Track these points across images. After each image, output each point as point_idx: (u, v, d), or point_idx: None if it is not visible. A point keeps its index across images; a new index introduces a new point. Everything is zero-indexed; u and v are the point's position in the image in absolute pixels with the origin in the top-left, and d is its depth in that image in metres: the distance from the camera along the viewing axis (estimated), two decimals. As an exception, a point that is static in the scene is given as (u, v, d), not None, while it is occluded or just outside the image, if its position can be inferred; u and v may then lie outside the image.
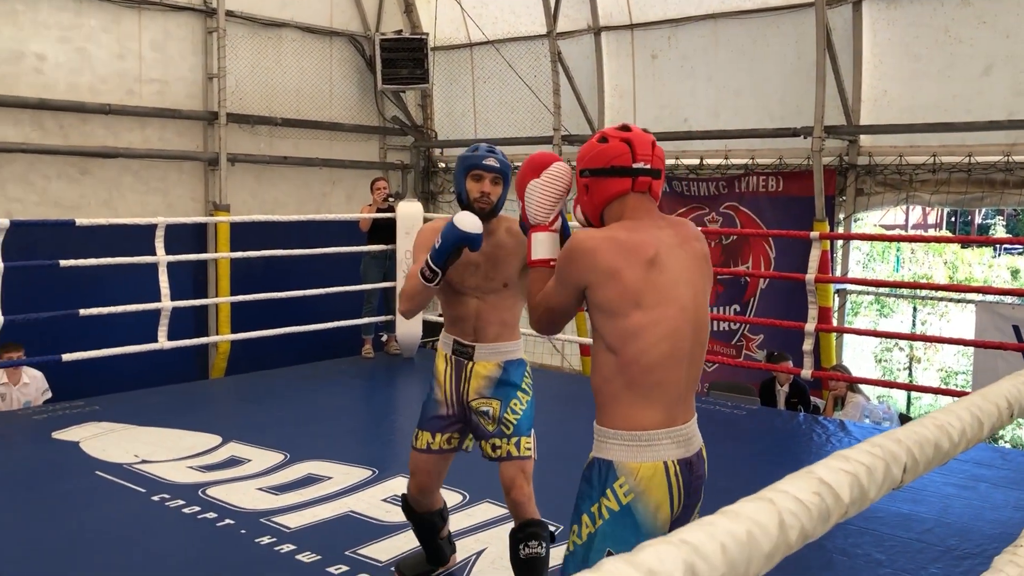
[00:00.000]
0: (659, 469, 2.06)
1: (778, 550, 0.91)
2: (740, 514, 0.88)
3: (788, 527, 0.93)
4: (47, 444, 5.09)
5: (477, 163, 3.01)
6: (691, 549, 0.79)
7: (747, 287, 8.35)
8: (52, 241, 7.11)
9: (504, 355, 3.11)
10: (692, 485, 2.14)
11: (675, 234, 2.17)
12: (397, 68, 9.79)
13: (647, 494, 2.06)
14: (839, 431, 5.61)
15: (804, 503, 0.97)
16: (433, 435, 3.16)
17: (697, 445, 2.18)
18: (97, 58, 7.99)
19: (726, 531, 0.84)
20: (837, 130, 7.52)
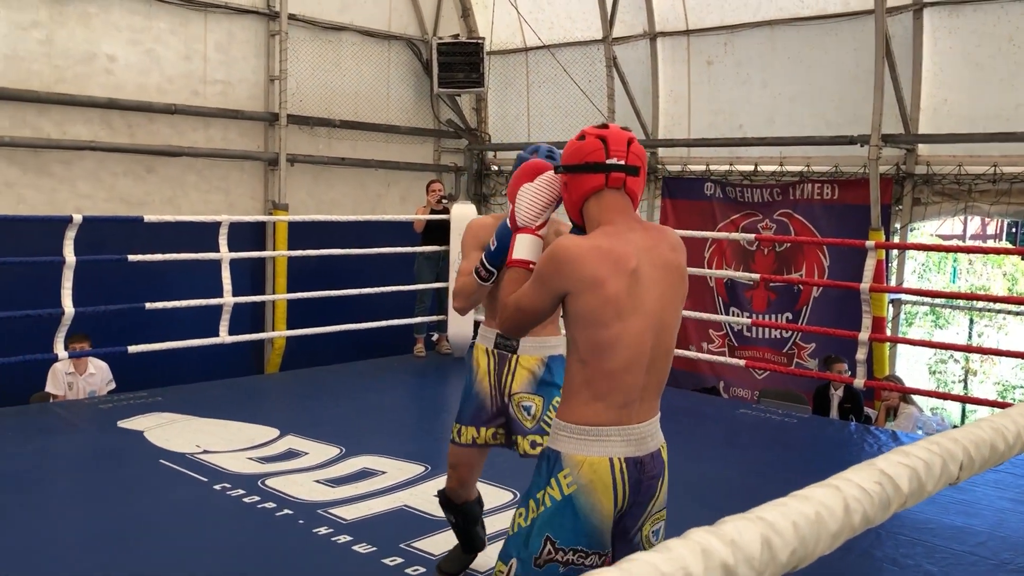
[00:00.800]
0: (603, 464, 2.12)
1: (843, 531, 1.00)
2: (810, 497, 0.96)
3: (852, 511, 1.05)
4: (113, 432, 5.28)
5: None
6: (767, 525, 0.87)
7: (800, 295, 8.31)
8: (119, 237, 7.36)
9: (547, 350, 3.16)
10: (642, 484, 2.17)
11: (647, 237, 2.20)
12: (453, 72, 9.92)
13: (589, 487, 2.11)
14: (891, 442, 5.58)
15: (867, 490, 1.08)
16: (478, 429, 3.20)
17: (653, 445, 2.22)
18: (165, 59, 8.23)
19: (798, 511, 0.93)
20: (895, 139, 7.46)
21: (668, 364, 2.28)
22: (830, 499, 1.02)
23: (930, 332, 11.10)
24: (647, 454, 2.19)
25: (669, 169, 9.29)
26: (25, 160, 7.47)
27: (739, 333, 8.66)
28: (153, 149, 8.17)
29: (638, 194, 2.27)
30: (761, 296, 8.56)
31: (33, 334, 6.25)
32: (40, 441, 5.10)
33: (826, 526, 0.99)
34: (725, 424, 6.11)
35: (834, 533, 1.00)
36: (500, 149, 10.69)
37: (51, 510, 4.08)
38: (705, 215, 8.88)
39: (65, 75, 7.65)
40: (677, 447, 5.53)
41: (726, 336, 8.79)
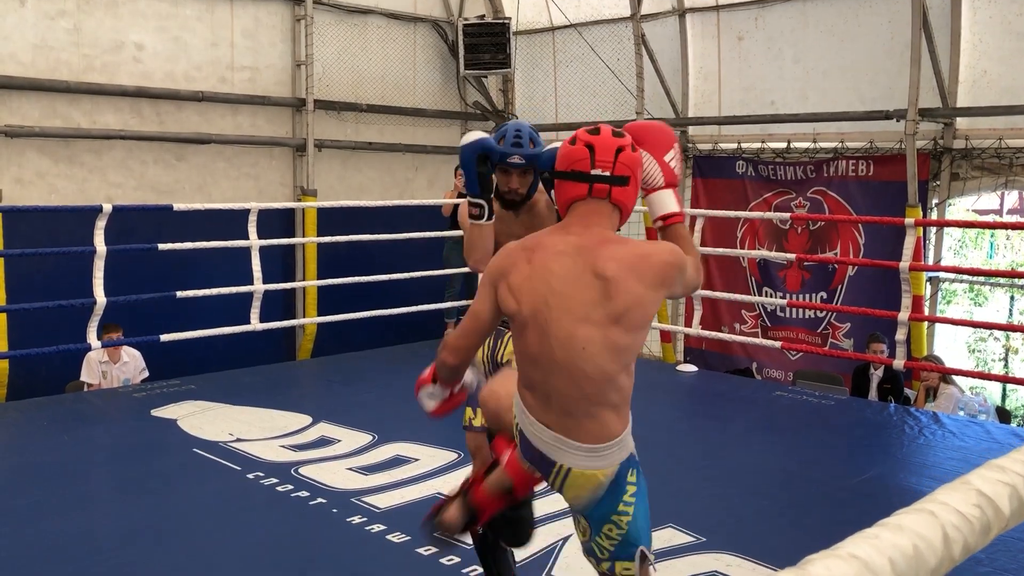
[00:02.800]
0: None
1: (942, 565, 0.91)
2: (904, 528, 0.87)
3: (952, 541, 0.93)
4: (147, 421, 5.30)
5: (502, 160, 2.82)
6: (862, 565, 0.79)
7: (835, 274, 8.17)
8: (150, 225, 7.38)
9: None
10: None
11: (579, 243, 2.14)
12: (479, 53, 9.83)
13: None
14: (932, 423, 5.46)
15: (966, 516, 0.96)
16: (475, 411, 3.08)
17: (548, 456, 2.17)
18: (192, 46, 8.22)
19: (892, 545, 0.84)
20: (932, 112, 7.27)
21: (576, 384, 2.10)
22: (927, 528, 0.91)
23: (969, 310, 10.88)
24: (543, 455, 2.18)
25: (700, 148, 9.16)
26: (56, 150, 7.50)
27: (772, 313, 8.54)
28: (182, 137, 8.17)
29: (627, 203, 2.22)
30: (795, 275, 8.42)
31: (67, 324, 6.29)
32: (76, 431, 5.13)
33: (925, 562, 0.88)
34: (762, 407, 6.02)
35: (933, 569, 0.90)
36: (528, 130, 10.58)
37: (87, 501, 4.10)
38: (737, 194, 8.74)
39: (94, 64, 7.66)
40: (717, 432, 5.49)
41: (759, 316, 8.67)
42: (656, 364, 8.47)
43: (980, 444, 5.12)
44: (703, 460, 4.79)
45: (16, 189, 7.30)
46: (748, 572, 3.35)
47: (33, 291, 6.46)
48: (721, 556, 3.47)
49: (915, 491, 4.34)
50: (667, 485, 3.81)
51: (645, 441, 2.54)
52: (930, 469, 4.73)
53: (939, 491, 0.99)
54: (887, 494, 4.27)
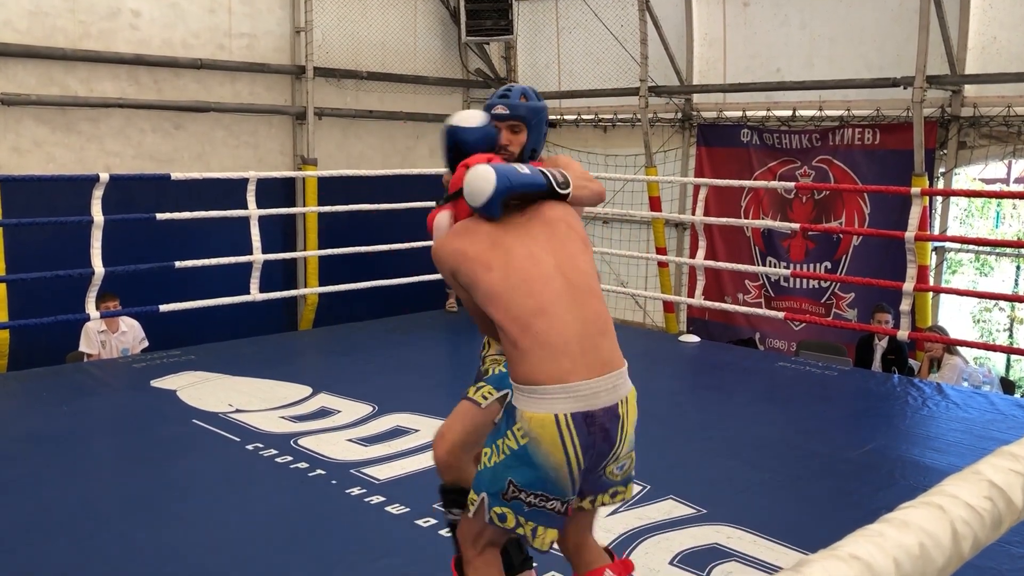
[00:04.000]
0: (549, 420, 2.16)
1: (951, 563, 0.85)
2: (909, 524, 0.81)
3: (961, 537, 0.87)
4: (146, 391, 5.28)
5: (488, 111, 2.70)
6: (863, 566, 0.74)
7: (839, 244, 8.10)
8: (148, 194, 7.32)
9: None
10: (594, 436, 2.18)
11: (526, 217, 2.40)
12: (481, 19, 9.69)
13: (538, 440, 2.17)
14: (936, 394, 5.43)
15: (976, 509, 0.90)
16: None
17: (609, 399, 2.20)
18: (189, 13, 8.11)
19: (897, 544, 0.77)
20: (940, 80, 7.17)
21: (596, 306, 2.31)
22: (934, 525, 0.84)
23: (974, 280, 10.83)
24: (601, 408, 2.19)
25: (704, 116, 9.05)
26: (53, 118, 7.43)
27: (776, 283, 8.49)
28: (180, 105, 8.09)
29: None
30: (799, 245, 8.36)
31: (65, 294, 6.26)
32: (75, 401, 5.11)
33: (932, 561, 0.82)
34: (765, 378, 5.99)
35: (941, 568, 0.84)
36: (530, 98, 10.46)
37: (87, 471, 4.08)
38: (741, 163, 8.65)
39: (90, 31, 7.56)
40: (719, 403, 5.46)
41: (762, 287, 8.62)
42: (658, 334, 8.43)
43: (984, 415, 5.08)
44: (705, 431, 4.76)
45: (13, 158, 7.24)
46: (749, 544, 3.33)
47: (32, 261, 6.42)
48: (722, 528, 3.45)
49: (918, 463, 4.31)
50: (668, 456, 3.79)
51: (646, 412, 2.51)
52: (933, 441, 4.70)
53: (947, 482, 0.94)
54: (890, 466, 4.24)
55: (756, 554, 3.27)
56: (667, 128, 9.32)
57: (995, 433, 4.76)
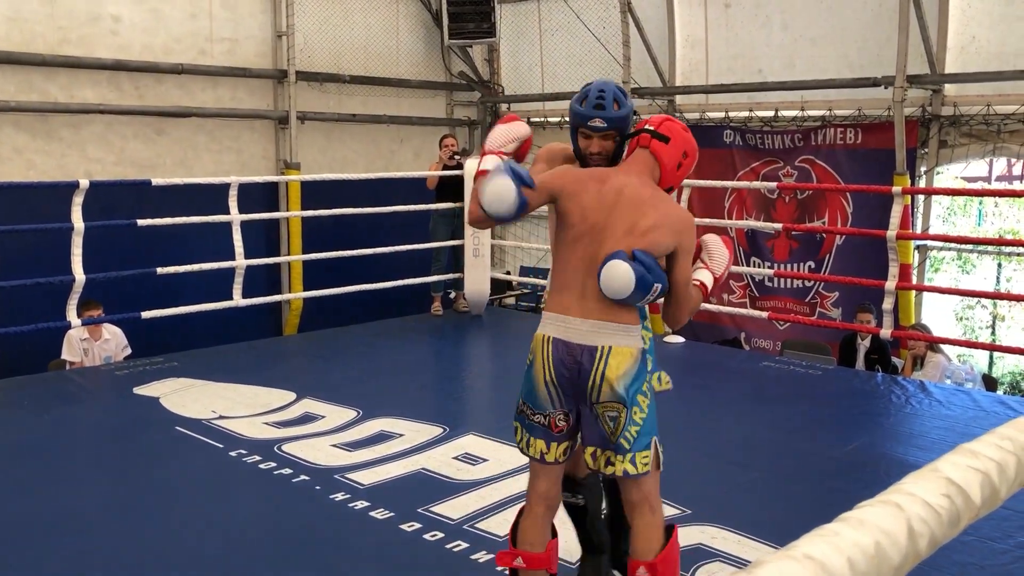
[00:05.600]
0: (539, 339, 2.62)
1: (907, 561, 0.84)
2: (866, 522, 0.81)
3: (918, 535, 0.86)
4: (129, 399, 5.25)
5: (583, 123, 2.73)
6: (817, 567, 0.73)
7: (823, 243, 8.13)
8: (130, 201, 7.28)
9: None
10: (563, 363, 2.55)
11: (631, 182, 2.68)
12: (464, 22, 9.69)
13: (532, 357, 2.62)
14: (919, 392, 5.46)
15: (933, 507, 0.90)
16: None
17: (583, 340, 2.54)
18: (170, 18, 8.07)
19: (853, 543, 0.77)
20: (920, 79, 7.21)
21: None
22: (891, 523, 0.84)
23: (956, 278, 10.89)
24: (575, 342, 2.55)
25: (687, 117, 9.07)
26: (33, 125, 7.38)
27: (760, 283, 8.52)
28: (162, 110, 8.05)
29: (664, 159, 2.75)
30: (783, 245, 8.39)
31: (47, 302, 6.21)
32: (57, 410, 5.07)
33: (888, 559, 0.81)
34: (749, 378, 6.00)
35: (897, 566, 0.83)
36: (514, 101, 10.48)
37: (69, 480, 4.05)
38: (725, 164, 8.68)
39: (70, 37, 7.52)
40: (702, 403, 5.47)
41: (747, 286, 8.64)
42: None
43: (967, 413, 5.11)
44: (689, 431, 4.76)
45: (-7, 165, 7.19)
46: (733, 544, 3.34)
47: (13, 269, 6.37)
48: (706, 528, 3.45)
49: (902, 460, 4.33)
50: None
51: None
52: (917, 438, 4.72)
53: (906, 480, 0.93)
54: (874, 464, 4.26)
55: (740, 554, 3.28)
56: (650, 129, 9.32)
57: (977, 430, 4.75)
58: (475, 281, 7.61)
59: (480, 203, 2.60)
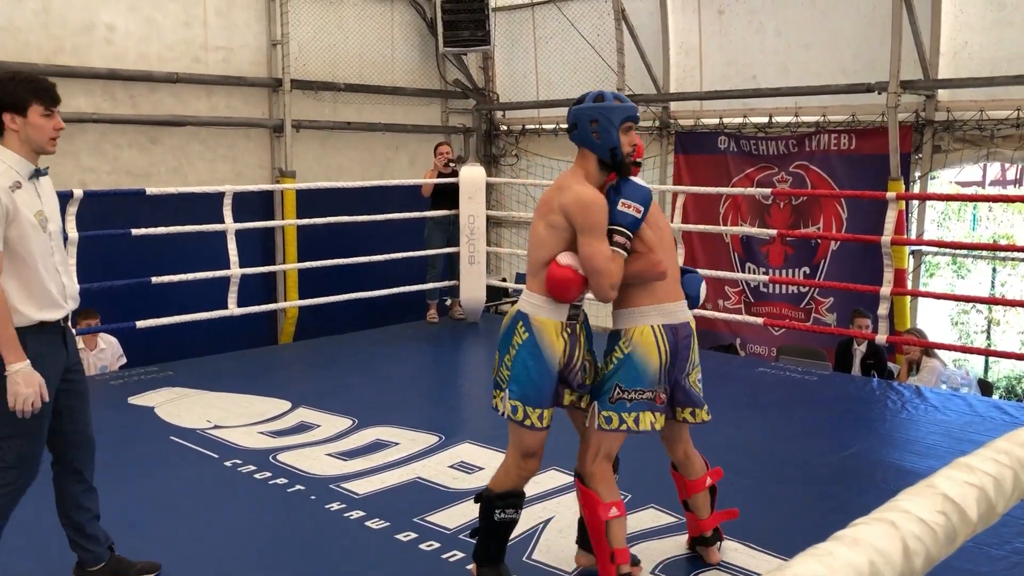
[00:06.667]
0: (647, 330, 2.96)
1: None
2: (860, 541, 0.79)
3: (913, 553, 0.85)
4: (124, 409, 5.23)
5: (633, 114, 2.89)
6: None
7: (817, 249, 8.14)
8: (124, 210, 7.26)
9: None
10: (679, 344, 3.01)
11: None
12: (458, 30, 9.70)
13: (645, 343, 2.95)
14: (915, 397, 5.46)
15: (929, 524, 0.88)
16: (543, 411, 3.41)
17: (683, 317, 3.04)
18: (164, 26, 8.07)
19: (846, 563, 0.76)
20: (914, 85, 7.23)
21: None
22: (885, 541, 0.82)
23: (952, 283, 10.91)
24: (680, 323, 2.99)
25: (681, 124, 9.09)
26: (27, 135, 7.35)
27: (755, 289, 8.52)
28: (156, 119, 8.04)
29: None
30: (778, 251, 8.40)
31: (42, 311, 6.18)
32: (51, 420, 5.04)
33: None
34: (745, 384, 5.99)
35: None
36: (509, 108, 10.49)
37: (62, 491, 4.02)
38: (719, 170, 8.69)
39: (64, 46, 7.51)
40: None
41: (742, 292, 8.65)
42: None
43: (962, 418, 5.11)
44: (686, 439, 4.75)
45: (-13, 175, 7.16)
46: (730, 552, 3.33)
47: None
48: (703, 536, 3.44)
49: (898, 466, 4.33)
50: (649, 465, 3.77)
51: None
52: (913, 444, 4.72)
53: (901, 496, 0.91)
54: (870, 469, 4.26)
55: (738, 562, 3.27)
56: (645, 136, 9.33)
57: (973, 435, 4.78)
58: (471, 288, 7.61)
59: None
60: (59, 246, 2.95)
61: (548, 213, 2.86)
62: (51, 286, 2.85)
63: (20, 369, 2.72)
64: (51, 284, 2.85)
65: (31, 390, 2.74)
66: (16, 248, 2.74)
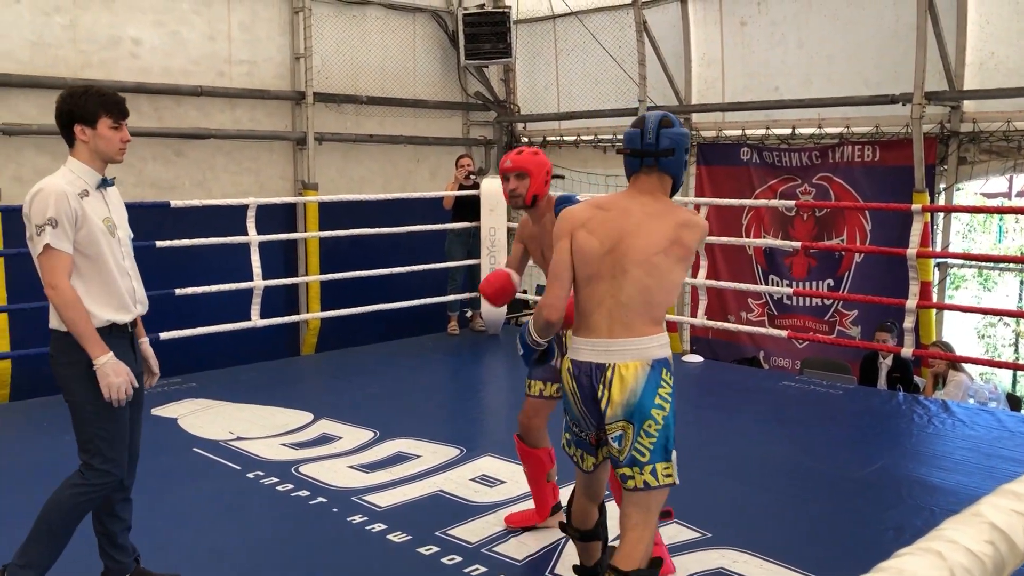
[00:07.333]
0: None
1: None
2: (905, 572, 0.77)
3: None
4: (147, 420, 5.21)
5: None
6: None
7: (841, 261, 8.08)
8: (149, 222, 7.30)
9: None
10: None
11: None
12: (480, 43, 9.73)
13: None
14: (942, 412, 5.39)
15: (977, 555, 0.84)
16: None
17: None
18: (189, 41, 8.15)
19: None
20: (939, 96, 7.17)
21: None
22: (932, 573, 0.78)
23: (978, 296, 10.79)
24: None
25: (704, 135, 9.06)
26: (55, 148, 7.40)
27: (779, 301, 8.46)
28: (181, 132, 8.11)
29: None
30: (801, 263, 8.34)
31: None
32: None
33: None
34: (769, 397, 5.95)
35: None
36: (530, 120, 10.51)
37: (86, 502, 4.04)
38: (742, 181, 8.65)
39: (91, 60, 7.60)
40: (721, 423, 5.42)
41: (765, 305, 8.59)
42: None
43: (991, 433, 5.04)
44: (708, 452, 4.72)
45: (15, 187, 7.24)
46: (755, 568, 3.29)
47: (34, 291, 6.39)
48: (727, 552, 3.41)
49: (925, 482, 4.27)
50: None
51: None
52: (940, 459, 4.66)
53: (946, 525, 0.89)
54: (896, 485, 4.20)
55: (762, 578, 3.23)
56: (667, 148, 9.30)
57: (1002, 451, 4.72)
58: (492, 300, 7.59)
59: None
60: (129, 252, 3.07)
61: (671, 247, 2.56)
62: (121, 289, 2.96)
63: (108, 361, 2.80)
64: (121, 287, 2.97)
65: (121, 379, 2.81)
66: (86, 251, 2.86)
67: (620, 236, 2.57)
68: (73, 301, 2.82)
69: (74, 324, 2.83)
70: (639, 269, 2.54)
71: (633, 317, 2.55)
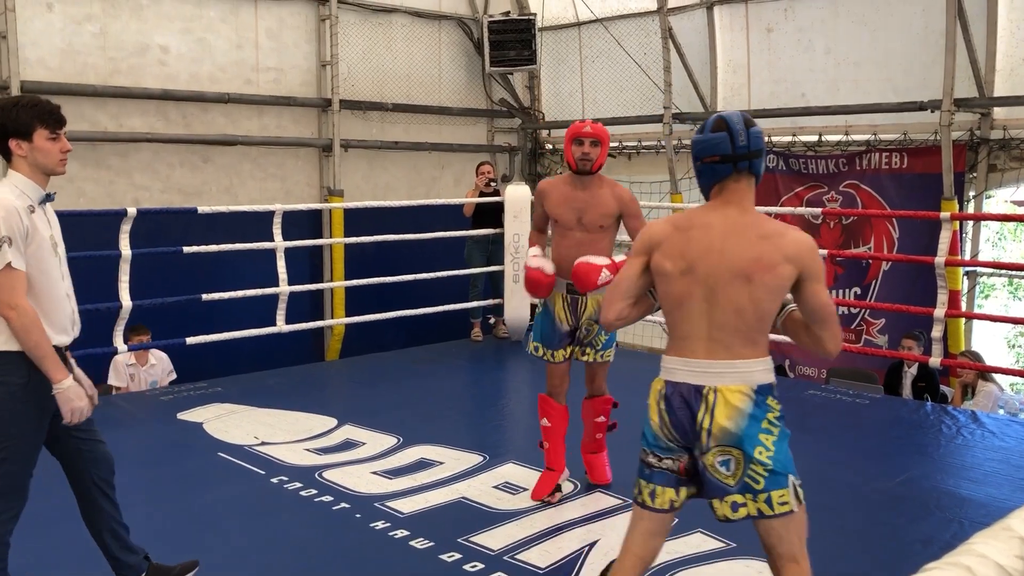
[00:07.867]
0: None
1: None
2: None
3: None
4: (173, 424, 5.30)
5: None
6: None
7: (868, 269, 8.00)
8: (176, 227, 7.39)
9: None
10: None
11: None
12: (505, 50, 9.76)
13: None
14: (971, 423, 5.31)
15: (1007, 570, 0.83)
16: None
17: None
18: (217, 48, 8.23)
19: None
20: (968, 102, 7.09)
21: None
22: None
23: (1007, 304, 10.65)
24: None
25: (729, 142, 9.00)
26: (84, 154, 7.53)
27: (805, 309, 8.38)
28: (208, 139, 8.19)
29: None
30: (828, 270, 8.26)
31: (95, 328, 6.29)
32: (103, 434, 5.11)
33: None
34: (794, 406, 5.86)
35: None
36: (554, 127, 10.51)
37: (112, 505, 4.07)
38: (768, 188, 8.58)
39: (120, 67, 7.69)
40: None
41: (792, 313, 8.51)
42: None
43: (1021, 444, 4.97)
44: (733, 462, 4.68)
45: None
46: (780, 579, 3.25)
47: None
48: (752, 562, 3.38)
49: (954, 493, 4.21)
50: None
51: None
52: (969, 471, 4.59)
53: (975, 539, 0.86)
54: (925, 496, 4.15)
55: (787, 589, 3.19)
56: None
57: (1033, 462, 4.64)
58: (515, 307, 7.59)
59: None
60: (67, 271, 2.91)
61: (764, 271, 2.37)
62: (63, 311, 2.83)
63: (70, 385, 2.77)
64: (63, 309, 2.84)
65: (84, 403, 2.81)
66: (32, 271, 2.72)
67: (699, 255, 2.41)
68: (35, 322, 2.67)
69: (37, 347, 2.68)
70: (729, 288, 2.38)
71: (731, 339, 2.39)
